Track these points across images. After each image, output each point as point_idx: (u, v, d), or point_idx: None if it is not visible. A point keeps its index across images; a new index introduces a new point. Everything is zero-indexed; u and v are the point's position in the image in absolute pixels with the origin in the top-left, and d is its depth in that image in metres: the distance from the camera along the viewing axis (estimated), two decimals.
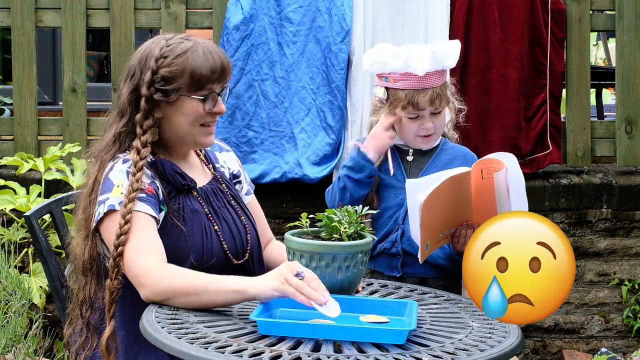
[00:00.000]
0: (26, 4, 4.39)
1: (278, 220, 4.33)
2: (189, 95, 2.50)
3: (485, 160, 2.78)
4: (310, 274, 2.25)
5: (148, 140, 2.49)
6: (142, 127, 2.50)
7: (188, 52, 2.49)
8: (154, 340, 2.12)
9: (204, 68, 2.49)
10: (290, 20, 4.22)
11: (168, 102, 2.50)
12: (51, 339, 4.09)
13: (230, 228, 2.61)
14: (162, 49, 2.51)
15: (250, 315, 2.19)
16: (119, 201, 2.43)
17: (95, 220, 2.46)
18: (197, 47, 2.51)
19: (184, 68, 2.48)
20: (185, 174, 2.57)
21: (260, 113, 4.22)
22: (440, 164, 3.05)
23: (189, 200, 2.56)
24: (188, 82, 2.49)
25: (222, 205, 2.63)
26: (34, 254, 3.99)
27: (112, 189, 2.45)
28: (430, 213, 2.66)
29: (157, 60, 2.49)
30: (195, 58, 2.49)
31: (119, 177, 2.46)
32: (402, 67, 2.97)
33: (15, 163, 4.11)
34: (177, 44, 2.51)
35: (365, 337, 2.13)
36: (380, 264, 3.06)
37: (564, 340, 4.44)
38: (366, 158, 3.01)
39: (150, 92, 2.49)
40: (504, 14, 4.30)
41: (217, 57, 2.52)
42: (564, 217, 4.40)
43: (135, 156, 2.47)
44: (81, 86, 4.40)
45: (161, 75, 2.49)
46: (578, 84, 4.46)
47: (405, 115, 3.01)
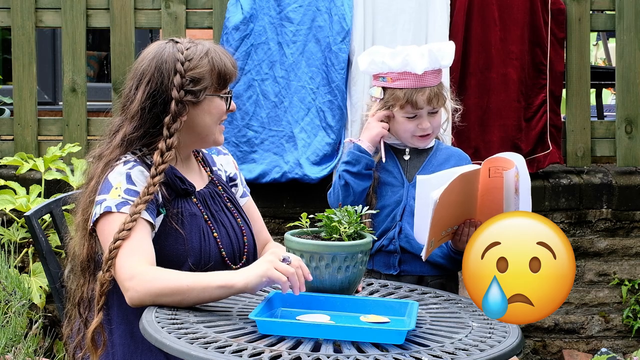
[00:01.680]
0: (26, 4, 4.39)
1: (278, 220, 4.33)
2: (216, 94, 2.55)
3: (494, 159, 2.79)
4: (296, 258, 2.30)
5: (174, 144, 2.50)
6: (169, 130, 2.50)
7: (210, 54, 2.55)
8: (154, 340, 2.12)
9: (228, 66, 2.56)
10: (290, 20, 4.22)
11: (196, 102, 2.53)
12: (51, 339, 4.09)
13: (227, 231, 2.62)
14: (184, 52, 2.53)
15: (250, 314, 2.19)
16: (116, 203, 2.44)
17: (92, 220, 2.47)
18: (212, 48, 2.57)
19: (211, 68, 2.53)
20: (185, 178, 2.58)
21: (260, 113, 4.22)
22: (436, 163, 3.07)
23: (188, 204, 2.57)
24: (216, 81, 2.54)
25: (219, 209, 2.64)
26: (34, 254, 3.99)
27: (109, 191, 2.46)
28: (440, 210, 2.66)
29: (183, 63, 2.51)
30: (218, 58, 2.55)
31: (117, 179, 2.47)
32: (400, 66, 2.99)
33: (15, 163, 4.11)
34: (193, 47, 2.55)
35: (364, 337, 2.13)
36: (378, 262, 3.06)
37: (564, 340, 4.44)
38: (361, 149, 3.03)
39: (180, 95, 2.50)
40: (504, 13, 4.31)
41: (231, 56, 2.60)
42: (564, 217, 4.40)
43: (158, 158, 2.48)
44: (81, 86, 4.40)
45: (189, 77, 2.51)
46: (578, 84, 4.46)
47: (403, 114, 3.02)
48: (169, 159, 2.48)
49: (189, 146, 2.63)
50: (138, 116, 2.52)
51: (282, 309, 2.32)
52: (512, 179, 2.76)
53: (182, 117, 2.52)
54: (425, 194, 2.71)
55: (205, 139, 2.60)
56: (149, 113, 2.52)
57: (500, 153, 2.82)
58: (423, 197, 2.74)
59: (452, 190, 2.65)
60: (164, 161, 2.47)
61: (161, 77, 2.51)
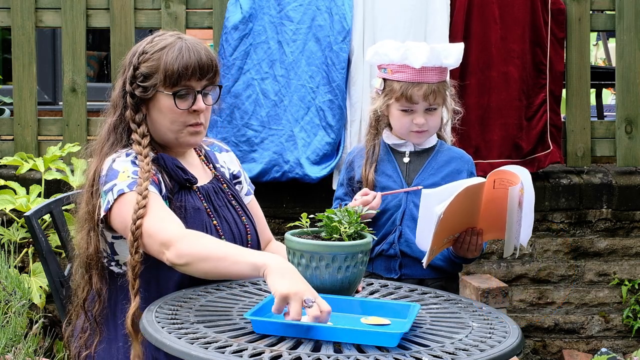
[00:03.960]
0: (26, 4, 4.39)
1: (278, 220, 4.33)
2: (164, 91, 2.52)
3: (501, 172, 2.78)
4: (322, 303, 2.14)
5: (145, 131, 2.53)
6: (134, 122, 2.54)
7: (165, 49, 2.52)
8: (154, 340, 2.11)
9: (176, 64, 2.50)
10: (290, 19, 4.22)
11: (147, 98, 2.54)
12: (51, 339, 4.09)
13: (230, 227, 2.62)
14: (146, 45, 2.55)
15: (245, 314, 2.19)
16: (128, 184, 2.44)
17: (105, 209, 2.46)
18: (176, 43, 2.53)
19: (159, 64, 2.51)
20: (187, 169, 2.59)
21: (260, 112, 4.22)
22: (437, 166, 3.05)
23: (191, 197, 2.57)
24: (162, 78, 2.51)
25: (222, 205, 2.64)
26: (34, 254, 3.99)
27: (117, 176, 2.46)
28: (443, 223, 2.67)
29: (139, 57, 2.54)
30: (169, 54, 2.51)
31: (123, 165, 2.49)
32: (400, 59, 2.99)
33: (15, 163, 4.11)
34: (160, 40, 2.55)
35: (357, 339, 2.12)
36: (378, 266, 3.06)
37: (564, 340, 4.44)
38: None
39: (132, 88, 2.53)
40: (504, 12, 4.31)
41: (195, 54, 2.52)
42: (564, 217, 4.40)
43: (138, 147, 2.51)
44: (81, 86, 4.40)
45: (141, 71, 2.53)
46: (578, 84, 4.46)
47: (398, 107, 3.01)
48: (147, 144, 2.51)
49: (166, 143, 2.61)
50: (118, 106, 2.57)
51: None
52: (517, 194, 2.76)
53: (143, 110, 2.54)
54: (429, 207, 2.72)
55: (166, 136, 2.58)
56: (123, 103, 2.56)
57: (506, 166, 2.81)
58: (426, 210, 2.74)
59: (456, 204, 2.65)
60: (143, 147, 2.50)
61: (128, 69, 2.56)
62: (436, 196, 2.72)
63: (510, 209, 2.78)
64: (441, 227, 2.68)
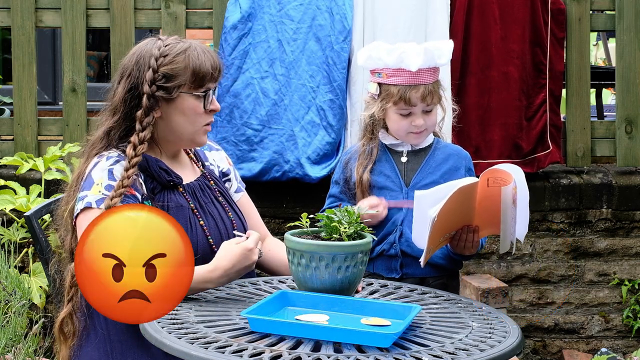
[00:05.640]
0: (26, 4, 4.39)
1: (278, 220, 4.33)
2: (190, 92, 2.56)
3: (494, 171, 2.79)
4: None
5: (146, 137, 2.53)
6: (141, 124, 2.54)
7: (188, 51, 2.57)
8: (154, 340, 2.12)
9: (205, 65, 2.56)
10: (290, 18, 4.22)
11: (169, 99, 2.55)
12: (51, 339, 4.09)
13: (216, 223, 2.64)
14: (161, 48, 2.57)
15: (242, 312, 2.19)
16: (96, 199, 2.47)
17: (74, 215, 2.51)
18: (194, 46, 2.59)
19: (186, 65, 2.55)
20: (171, 170, 2.61)
21: (260, 111, 4.22)
22: (434, 164, 3.05)
23: (175, 195, 2.59)
24: (190, 79, 2.55)
25: (208, 201, 2.67)
26: (34, 254, 3.99)
27: (91, 187, 2.49)
28: (438, 224, 2.68)
29: (157, 59, 2.54)
30: (196, 56, 2.56)
31: (99, 175, 2.50)
32: (395, 62, 2.99)
33: (15, 163, 4.11)
34: (174, 44, 2.58)
35: (351, 339, 2.12)
36: (379, 266, 3.05)
37: (564, 340, 4.44)
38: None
39: (152, 90, 2.53)
40: (504, 12, 4.31)
41: (215, 56, 2.60)
42: (564, 217, 4.40)
43: (131, 152, 2.51)
44: (81, 86, 4.40)
45: (162, 72, 2.54)
46: (578, 84, 4.46)
47: (396, 110, 3.01)
48: (142, 152, 2.51)
49: (172, 144, 2.64)
50: (119, 110, 2.57)
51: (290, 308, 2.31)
52: (510, 192, 2.77)
53: (154, 112, 2.54)
54: (422, 209, 2.72)
55: (182, 137, 2.62)
56: (128, 107, 2.56)
57: (499, 165, 2.82)
58: (421, 212, 2.74)
59: (450, 205, 2.66)
60: (136, 154, 2.50)
61: (138, 71, 2.56)
62: (430, 197, 2.72)
63: (504, 208, 2.79)
64: (436, 228, 2.68)
